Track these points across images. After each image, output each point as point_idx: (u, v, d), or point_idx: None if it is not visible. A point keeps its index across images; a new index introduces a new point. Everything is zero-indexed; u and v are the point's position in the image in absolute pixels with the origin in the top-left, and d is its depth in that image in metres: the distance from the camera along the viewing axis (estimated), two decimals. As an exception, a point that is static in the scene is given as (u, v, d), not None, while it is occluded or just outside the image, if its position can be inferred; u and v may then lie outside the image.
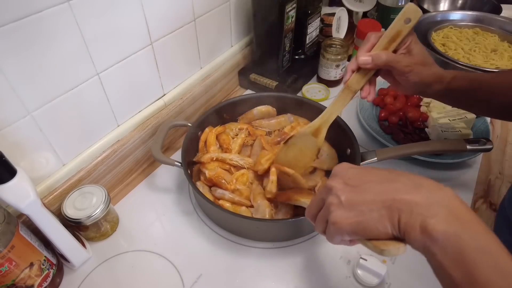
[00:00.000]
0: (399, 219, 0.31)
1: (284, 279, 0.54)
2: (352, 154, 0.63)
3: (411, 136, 0.75)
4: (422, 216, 0.30)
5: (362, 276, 0.52)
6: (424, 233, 0.30)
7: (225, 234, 0.60)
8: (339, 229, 0.34)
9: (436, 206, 0.30)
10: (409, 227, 0.31)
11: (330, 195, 0.36)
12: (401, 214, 0.31)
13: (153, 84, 0.68)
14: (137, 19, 0.58)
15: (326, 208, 0.36)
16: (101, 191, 0.57)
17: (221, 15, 0.77)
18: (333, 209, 0.35)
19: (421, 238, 0.30)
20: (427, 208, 0.30)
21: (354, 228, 0.34)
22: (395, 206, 0.32)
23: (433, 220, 0.29)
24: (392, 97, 0.82)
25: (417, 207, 0.31)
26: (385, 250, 0.33)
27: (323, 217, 0.37)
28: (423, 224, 0.30)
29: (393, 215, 0.32)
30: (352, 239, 0.35)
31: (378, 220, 0.32)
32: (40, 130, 0.52)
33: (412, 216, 0.31)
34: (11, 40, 0.43)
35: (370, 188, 0.34)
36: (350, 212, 0.34)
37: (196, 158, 0.65)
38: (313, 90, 0.90)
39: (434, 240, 0.29)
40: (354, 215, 0.33)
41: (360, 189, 0.34)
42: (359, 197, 0.34)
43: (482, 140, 0.61)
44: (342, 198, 0.34)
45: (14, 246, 0.45)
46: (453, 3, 1.22)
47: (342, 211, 0.34)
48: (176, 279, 0.54)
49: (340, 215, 0.34)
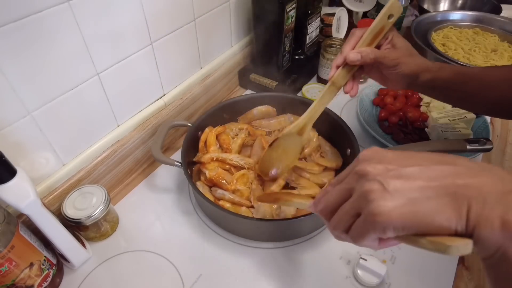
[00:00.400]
0: (469, 209, 0.25)
1: (284, 279, 0.54)
2: (352, 154, 0.63)
3: (411, 136, 0.75)
4: (502, 207, 0.24)
5: (362, 276, 0.52)
6: (506, 230, 0.24)
7: (225, 234, 0.60)
8: (384, 222, 0.27)
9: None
10: (484, 220, 0.24)
11: (367, 181, 0.28)
12: (471, 203, 0.25)
13: (153, 84, 0.68)
14: (137, 19, 0.58)
15: (360, 198, 0.29)
16: (101, 191, 0.57)
17: (221, 15, 0.77)
18: (374, 197, 0.27)
19: (500, 236, 0.24)
20: (504, 197, 0.24)
21: (406, 220, 0.26)
22: (461, 193, 0.25)
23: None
24: (392, 97, 0.82)
25: (491, 195, 0.25)
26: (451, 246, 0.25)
27: (352, 209, 0.30)
28: (504, 218, 0.24)
29: (460, 203, 0.25)
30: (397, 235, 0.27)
31: (438, 210, 0.25)
32: (40, 130, 0.52)
33: (487, 206, 0.24)
34: (11, 40, 0.43)
35: (421, 172, 0.27)
36: (399, 200, 0.26)
37: (196, 158, 0.65)
38: (313, 90, 0.90)
39: None
40: (405, 203, 0.26)
41: (408, 173, 0.27)
42: (409, 182, 0.27)
43: (482, 140, 0.61)
44: (386, 183, 0.27)
45: (14, 246, 0.45)
46: (453, 3, 1.22)
47: (388, 199, 0.26)
48: (176, 279, 0.54)
49: (385, 204, 0.26)
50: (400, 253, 0.56)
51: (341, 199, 0.31)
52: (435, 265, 0.55)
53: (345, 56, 0.50)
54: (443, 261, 0.55)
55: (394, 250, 0.57)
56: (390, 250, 0.57)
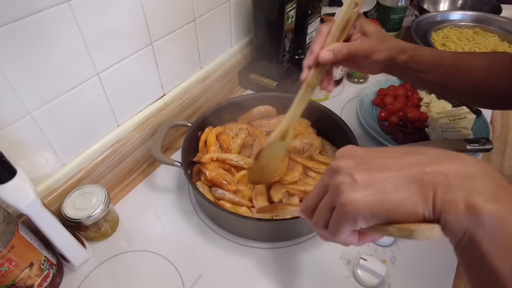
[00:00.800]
0: (435, 194, 0.25)
1: (284, 279, 0.54)
2: (352, 154, 0.63)
3: (411, 136, 0.75)
4: (466, 190, 0.24)
5: (362, 276, 0.52)
6: (470, 213, 0.24)
7: (225, 234, 0.60)
8: (353, 212, 0.27)
9: (480, 178, 0.24)
10: (449, 204, 0.24)
11: (338, 175, 0.29)
12: (436, 188, 0.25)
13: (153, 84, 0.68)
14: (137, 19, 0.58)
15: (333, 191, 0.29)
16: (101, 191, 0.57)
17: (221, 15, 0.77)
18: (344, 188, 0.28)
19: (464, 219, 0.24)
20: (468, 180, 0.24)
21: (374, 208, 0.26)
22: (427, 179, 0.25)
23: (481, 196, 0.24)
24: (392, 97, 0.82)
25: (455, 179, 0.25)
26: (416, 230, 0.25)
27: (328, 203, 0.30)
28: (469, 200, 0.24)
29: (426, 189, 0.25)
30: (368, 225, 0.28)
31: (405, 197, 0.26)
32: (40, 130, 0.52)
33: (451, 190, 0.25)
34: (11, 40, 0.43)
35: (390, 163, 0.28)
36: (368, 189, 0.27)
37: (196, 158, 0.65)
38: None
39: (481, 223, 0.23)
40: (373, 192, 0.27)
41: (377, 165, 0.28)
42: (378, 173, 0.27)
43: (482, 140, 0.61)
44: (356, 175, 0.28)
45: (14, 246, 0.45)
46: (453, 3, 1.22)
47: (357, 189, 0.27)
48: (176, 279, 0.54)
49: (353, 194, 0.27)
50: (400, 253, 0.56)
51: (319, 196, 0.32)
52: (435, 265, 0.55)
53: (316, 55, 0.48)
54: (443, 261, 0.55)
55: (394, 250, 0.57)
56: (390, 250, 0.57)
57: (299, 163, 0.64)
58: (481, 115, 0.78)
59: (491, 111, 0.84)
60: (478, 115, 0.78)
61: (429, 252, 0.56)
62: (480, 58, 0.54)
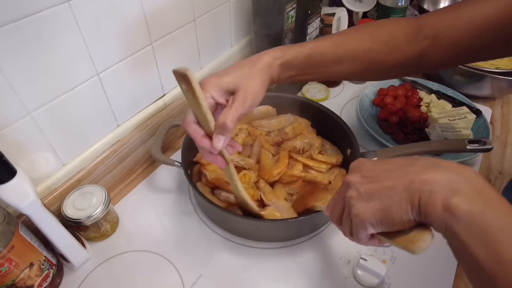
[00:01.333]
0: (419, 200, 0.30)
1: (284, 280, 0.54)
2: (352, 154, 0.63)
3: (411, 136, 0.75)
4: (443, 194, 0.29)
5: (362, 276, 0.52)
6: (446, 211, 0.28)
7: (225, 234, 0.60)
8: (362, 221, 0.33)
9: (458, 183, 0.29)
10: (430, 207, 0.29)
11: (349, 189, 0.35)
12: (421, 195, 0.30)
13: (153, 84, 0.68)
14: (137, 19, 0.58)
15: (347, 204, 0.35)
16: (101, 191, 0.57)
17: (221, 15, 0.77)
18: (353, 202, 0.34)
19: (443, 217, 0.29)
20: (447, 185, 0.29)
21: (377, 217, 0.32)
22: (414, 188, 0.30)
23: (456, 197, 0.28)
24: (392, 97, 0.82)
25: (436, 185, 0.29)
26: (415, 249, 0.32)
27: (347, 215, 0.36)
28: (445, 202, 0.29)
29: (413, 196, 0.30)
30: (377, 231, 0.34)
31: (399, 204, 0.31)
32: (40, 130, 0.52)
33: (432, 195, 0.29)
34: (11, 40, 0.43)
35: (388, 175, 0.33)
36: (370, 201, 0.33)
37: (196, 159, 0.65)
38: (313, 90, 0.90)
39: (457, 218, 0.28)
40: (375, 203, 0.32)
41: (378, 178, 0.33)
42: (378, 186, 0.33)
43: (482, 140, 0.61)
44: (361, 189, 0.34)
45: (14, 246, 0.45)
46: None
47: (362, 202, 0.33)
48: (176, 279, 0.54)
49: (360, 206, 0.33)
50: (400, 253, 0.56)
51: (341, 207, 0.37)
52: (435, 265, 0.55)
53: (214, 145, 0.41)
54: (443, 261, 0.55)
55: (394, 250, 0.57)
56: (391, 250, 0.57)
57: (299, 162, 0.64)
58: (481, 115, 0.78)
59: (491, 112, 0.84)
60: (478, 115, 0.78)
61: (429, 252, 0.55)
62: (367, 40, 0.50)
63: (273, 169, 0.62)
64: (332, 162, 0.65)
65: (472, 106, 0.80)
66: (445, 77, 0.87)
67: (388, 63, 0.51)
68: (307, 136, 0.68)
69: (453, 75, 0.85)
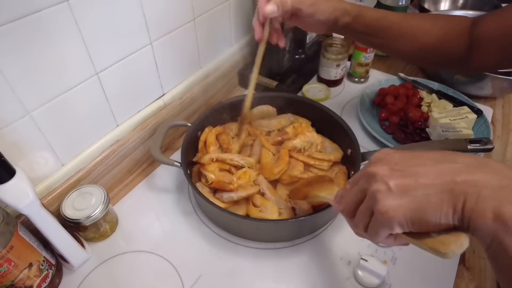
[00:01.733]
0: (464, 204, 0.27)
1: (284, 280, 0.54)
2: (353, 154, 0.63)
3: (412, 136, 0.75)
4: (494, 201, 0.26)
5: (362, 277, 0.52)
6: (498, 221, 0.25)
7: (225, 234, 0.60)
8: (390, 219, 0.29)
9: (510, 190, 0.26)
10: (477, 213, 0.26)
11: (375, 182, 0.31)
12: (466, 198, 0.27)
13: (152, 83, 0.68)
14: (136, 18, 0.58)
15: (370, 198, 0.31)
16: (100, 192, 0.57)
17: (220, 15, 0.77)
18: (380, 197, 0.30)
19: (492, 227, 0.25)
20: (498, 191, 0.26)
21: (408, 216, 0.29)
22: (458, 189, 0.27)
23: (510, 206, 0.25)
24: (393, 97, 0.82)
25: (486, 189, 0.26)
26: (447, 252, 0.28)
27: (367, 209, 0.32)
28: (496, 210, 0.25)
29: (457, 199, 0.27)
30: (404, 231, 0.30)
31: (437, 205, 0.28)
32: (39, 130, 0.52)
33: (480, 200, 0.26)
34: (10, 40, 0.43)
35: (423, 171, 0.29)
36: (402, 198, 0.29)
37: (196, 159, 0.65)
38: (314, 90, 0.90)
39: (509, 230, 0.25)
40: (408, 201, 0.29)
41: (411, 173, 0.30)
42: (412, 181, 0.29)
43: (483, 140, 0.60)
44: (390, 183, 0.30)
45: (13, 246, 0.44)
46: (454, 2, 1.22)
47: (392, 198, 0.29)
48: (176, 280, 0.54)
49: (391, 203, 0.29)
50: (400, 253, 0.56)
51: (358, 199, 0.34)
52: (436, 265, 0.55)
53: (263, 12, 0.51)
54: (444, 261, 0.55)
55: (394, 251, 0.57)
56: (391, 250, 0.57)
57: (300, 162, 0.63)
58: (482, 115, 0.78)
59: (492, 112, 0.84)
60: (479, 115, 0.77)
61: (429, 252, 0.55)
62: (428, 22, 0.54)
63: (274, 167, 0.62)
64: (331, 159, 0.65)
65: (473, 106, 0.80)
66: (446, 76, 0.87)
67: (438, 50, 0.53)
68: (308, 136, 0.67)
69: (454, 75, 0.84)
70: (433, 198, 0.28)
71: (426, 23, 0.54)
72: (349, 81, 0.94)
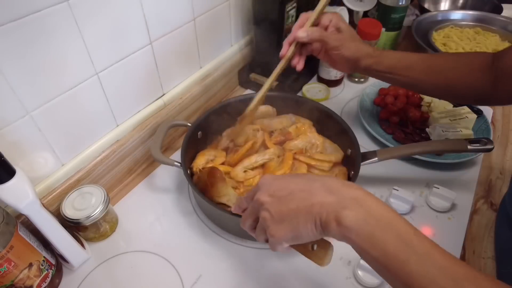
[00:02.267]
0: (320, 219, 0.36)
1: (284, 280, 0.54)
2: (353, 154, 0.63)
3: (412, 136, 0.75)
4: (335, 212, 0.35)
5: (362, 276, 0.52)
6: (340, 225, 0.34)
7: (225, 234, 0.60)
8: (278, 239, 0.38)
9: (345, 201, 0.35)
10: (327, 224, 0.35)
11: (262, 210, 0.39)
12: (321, 216, 0.35)
13: (152, 83, 0.68)
14: (136, 18, 0.58)
15: (262, 223, 0.40)
16: (100, 191, 0.57)
17: (220, 15, 0.77)
18: (268, 224, 0.38)
19: (338, 230, 0.34)
20: (338, 204, 0.35)
21: (289, 236, 0.38)
22: (314, 210, 0.36)
23: (344, 213, 0.34)
24: (393, 97, 0.82)
25: (330, 205, 0.35)
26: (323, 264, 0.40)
27: (262, 229, 0.40)
28: (337, 218, 0.34)
29: (315, 217, 0.36)
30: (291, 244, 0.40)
31: (304, 224, 0.36)
32: (39, 130, 0.52)
33: (328, 214, 0.35)
34: (10, 40, 0.43)
35: (293, 197, 0.38)
36: (282, 223, 0.38)
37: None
38: (314, 90, 0.90)
39: (348, 228, 0.34)
40: (286, 225, 0.37)
41: (285, 200, 0.38)
42: (286, 208, 0.38)
43: (483, 140, 0.60)
44: (272, 211, 0.38)
45: (13, 246, 0.44)
46: (454, 2, 1.22)
47: (275, 224, 0.38)
48: (176, 280, 0.54)
49: (275, 227, 0.38)
50: (400, 253, 0.56)
51: (254, 220, 0.42)
52: (436, 265, 0.55)
53: (294, 35, 0.57)
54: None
55: (394, 251, 0.57)
56: (391, 250, 0.57)
57: (303, 162, 0.63)
58: (482, 115, 0.78)
59: (492, 111, 0.84)
60: (479, 115, 0.77)
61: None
62: (451, 60, 0.59)
63: (277, 170, 0.62)
64: (332, 160, 0.65)
65: (473, 106, 0.80)
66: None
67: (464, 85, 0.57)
68: (309, 136, 0.67)
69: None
70: (301, 219, 0.36)
71: (449, 60, 0.59)
72: (349, 81, 0.94)
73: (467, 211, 0.63)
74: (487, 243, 0.59)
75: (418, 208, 0.64)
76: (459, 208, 0.63)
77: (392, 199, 0.62)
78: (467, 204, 0.64)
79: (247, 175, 0.62)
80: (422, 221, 0.62)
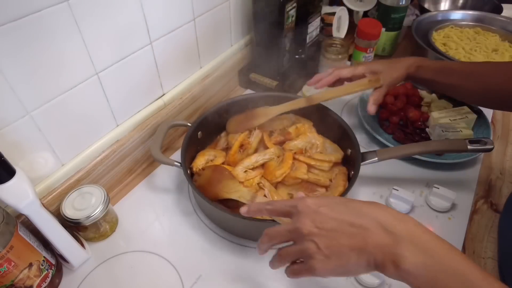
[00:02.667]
0: (375, 260, 0.35)
1: (284, 280, 0.54)
2: (353, 154, 0.63)
3: (412, 136, 0.75)
4: (392, 255, 0.34)
5: (362, 276, 0.52)
6: (397, 269, 0.34)
7: (225, 234, 0.60)
8: (317, 273, 0.37)
9: (403, 243, 0.34)
10: (384, 265, 0.34)
11: (305, 241, 0.38)
12: (375, 255, 0.35)
13: (152, 83, 0.68)
14: (136, 18, 0.58)
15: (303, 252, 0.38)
16: (100, 191, 0.57)
17: (221, 15, 0.77)
18: (314, 256, 0.37)
19: (396, 273, 0.34)
20: (395, 246, 0.34)
21: (337, 272, 0.37)
22: (368, 250, 0.35)
23: (402, 256, 0.33)
24: (393, 97, 0.82)
25: (387, 247, 0.35)
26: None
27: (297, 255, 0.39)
28: (395, 262, 0.34)
29: (369, 257, 0.35)
30: None
31: (356, 262, 0.36)
32: (39, 130, 0.52)
33: (384, 256, 0.34)
34: (10, 40, 0.43)
35: (343, 232, 0.37)
36: (330, 258, 0.36)
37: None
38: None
39: (406, 272, 0.33)
40: (334, 260, 0.36)
41: (335, 234, 0.37)
42: (336, 243, 0.37)
43: (483, 140, 0.60)
44: (320, 245, 0.37)
45: (13, 246, 0.44)
46: (454, 2, 1.22)
47: (322, 258, 0.37)
48: (176, 280, 0.54)
49: (322, 261, 0.37)
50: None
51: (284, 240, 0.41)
52: (435, 265, 0.55)
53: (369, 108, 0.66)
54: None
55: (394, 251, 0.57)
56: (391, 250, 0.57)
57: (302, 163, 0.64)
58: (482, 115, 0.78)
59: (492, 111, 0.84)
60: (479, 115, 0.77)
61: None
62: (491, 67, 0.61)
63: (276, 170, 0.62)
64: (332, 160, 0.65)
65: (473, 105, 0.80)
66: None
67: (505, 92, 0.58)
68: (309, 136, 0.67)
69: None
70: (353, 257, 0.36)
71: (490, 68, 0.61)
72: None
73: (467, 211, 0.63)
74: (487, 243, 0.59)
75: (418, 208, 0.64)
76: (459, 208, 0.63)
77: (392, 199, 0.62)
78: (467, 204, 0.64)
79: (248, 175, 0.62)
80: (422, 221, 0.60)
